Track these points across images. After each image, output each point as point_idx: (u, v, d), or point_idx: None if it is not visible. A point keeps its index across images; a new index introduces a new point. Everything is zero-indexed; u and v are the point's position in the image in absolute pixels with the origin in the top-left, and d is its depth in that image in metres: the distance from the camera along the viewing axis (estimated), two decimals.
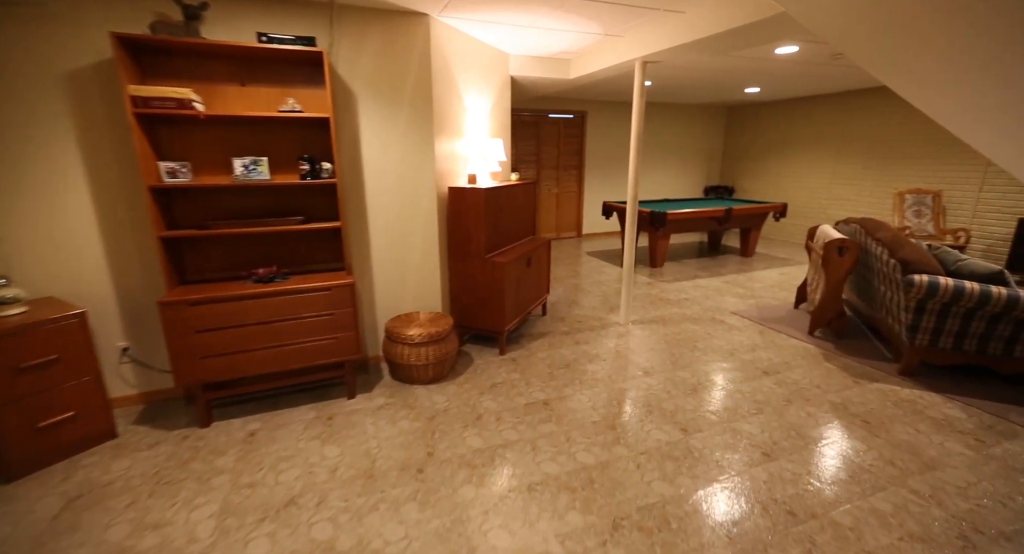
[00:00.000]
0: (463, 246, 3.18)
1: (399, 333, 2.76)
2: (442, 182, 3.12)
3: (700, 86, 6.06)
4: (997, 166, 5.34)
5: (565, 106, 7.31)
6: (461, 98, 3.29)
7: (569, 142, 7.52)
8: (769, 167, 7.92)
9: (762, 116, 7.94)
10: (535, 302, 3.78)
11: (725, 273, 5.55)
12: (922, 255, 2.87)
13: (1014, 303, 2.59)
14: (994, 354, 2.77)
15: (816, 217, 7.23)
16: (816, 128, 7.08)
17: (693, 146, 8.54)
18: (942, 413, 2.55)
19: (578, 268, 5.85)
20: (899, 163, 6.11)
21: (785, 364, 3.15)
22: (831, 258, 3.41)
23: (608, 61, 3.62)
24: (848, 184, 6.74)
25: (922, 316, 2.84)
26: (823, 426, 2.43)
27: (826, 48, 3.94)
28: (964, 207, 5.54)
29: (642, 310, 4.26)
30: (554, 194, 7.64)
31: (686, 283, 5.13)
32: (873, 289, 3.45)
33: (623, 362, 3.20)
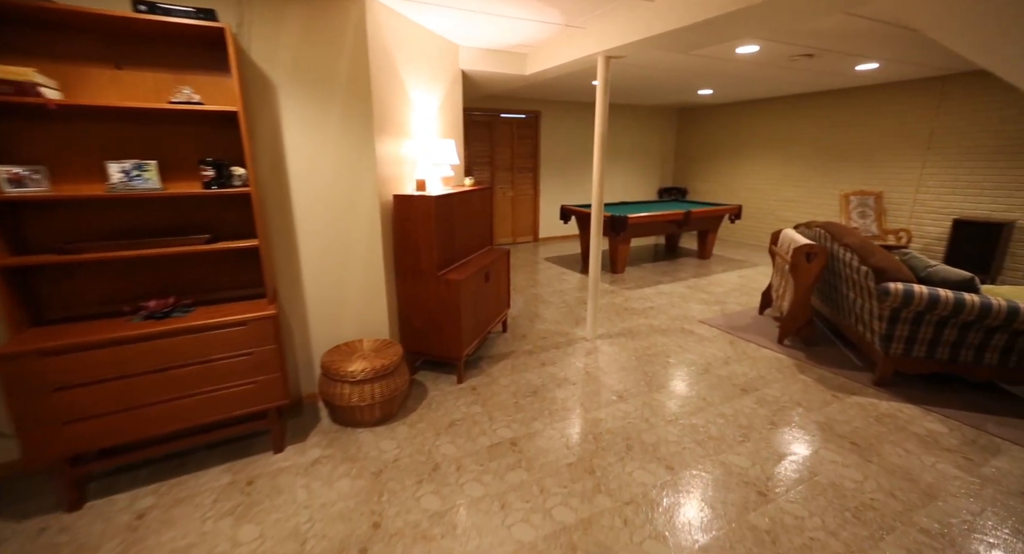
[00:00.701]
0: (412, 262, 2.78)
1: (338, 369, 2.32)
2: (385, 189, 2.71)
3: (654, 87, 5.95)
4: (932, 168, 5.59)
5: (518, 106, 7.01)
6: (406, 93, 2.89)
7: (523, 143, 7.23)
8: (720, 169, 8.01)
9: (713, 118, 8.02)
10: (495, 320, 3.43)
11: (686, 277, 5.45)
12: (894, 262, 2.79)
13: (987, 311, 2.53)
14: (965, 362, 2.72)
15: (766, 218, 7.36)
16: (764, 131, 7.21)
17: (646, 148, 8.51)
18: (924, 428, 2.45)
19: (537, 276, 5.56)
20: (842, 165, 6.29)
21: (761, 379, 2.99)
22: (800, 264, 3.30)
23: (568, 55, 3.33)
24: (796, 186, 6.89)
25: (896, 325, 2.75)
26: (813, 452, 2.24)
27: (786, 49, 3.87)
28: (903, 208, 5.75)
29: (608, 322, 4.02)
30: (509, 197, 7.32)
31: (649, 289, 4.96)
32: (840, 296, 3.37)
33: (594, 385, 2.91)
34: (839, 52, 3.99)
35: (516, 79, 4.28)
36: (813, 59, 4.25)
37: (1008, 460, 2.20)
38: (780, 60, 4.29)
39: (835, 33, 3.43)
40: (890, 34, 3.47)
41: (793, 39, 3.60)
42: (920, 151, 5.53)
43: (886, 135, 5.81)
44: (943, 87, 5.25)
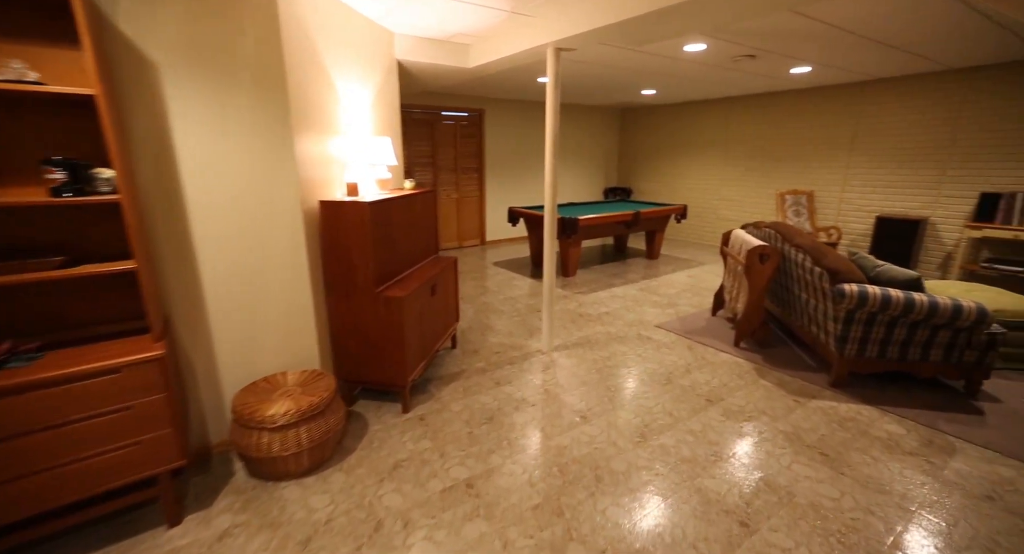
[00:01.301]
0: (345, 278, 2.40)
1: (254, 414, 1.91)
2: (310, 194, 2.31)
3: (599, 86, 5.86)
4: (855, 169, 5.92)
5: (461, 103, 6.68)
6: (332, 83, 2.50)
7: (467, 143, 6.91)
8: (663, 169, 8.13)
9: (655, 119, 8.12)
10: (443, 336, 3.11)
11: (637, 279, 5.39)
12: (847, 263, 2.78)
13: (934, 310, 2.56)
14: (913, 359, 2.75)
15: (708, 217, 7.54)
16: (704, 132, 7.37)
17: (591, 148, 8.48)
18: (884, 430, 2.43)
19: (486, 282, 5.28)
20: (777, 166, 6.53)
21: (725, 387, 2.89)
22: (754, 266, 3.25)
23: (515, 46, 3.07)
24: (735, 185, 7.09)
25: (850, 326, 2.74)
26: (787, 468, 2.13)
27: (731, 48, 3.85)
28: (831, 206, 6.05)
29: (564, 331, 3.82)
30: (454, 200, 6.98)
31: (603, 293, 4.83)
32: (792, 296, 3.37)
33: (555, 405, 2.67)
34: (779, 54, 4.03)
35: (458, 73, 3.97)
36: (754, 61, 4.29)
37: (964, 460, 2.20)
38: (724, 61, 4.29)
39: (778, 33, 3.42)
40: (827, 36, 3.52)
41: (739, 38, 3.57)
42: (844, 153, 5.83)
43: (814, 137, 6.08)
44: (863, 92, 5.55)
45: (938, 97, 5.01)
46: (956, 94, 4.90)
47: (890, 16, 3.03)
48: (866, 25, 3.23)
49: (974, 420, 2.52)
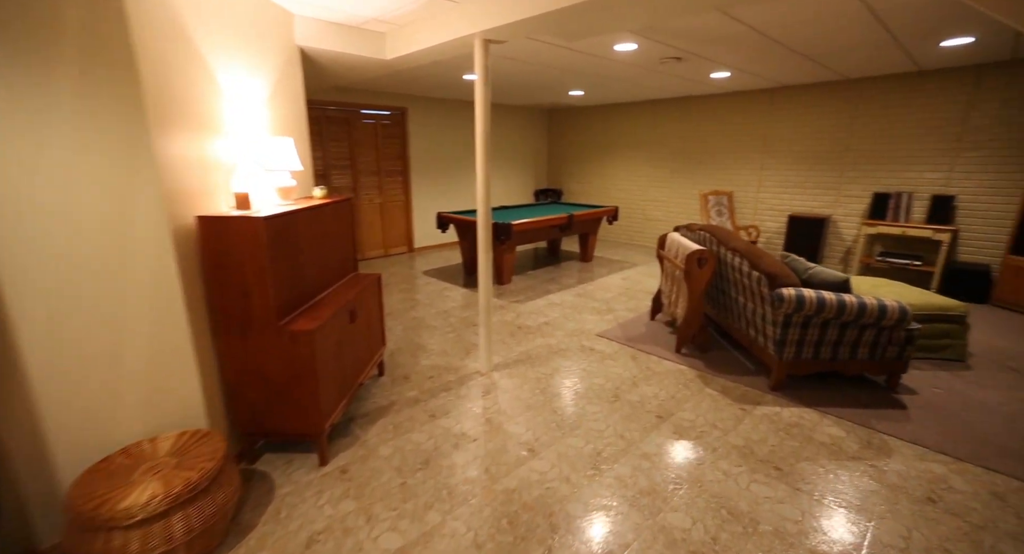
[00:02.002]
0: (238, 311, 1.95)
1: (100, 508, 1.42)
2: (183, 208, 1.83)
3: (527, 85, 5.68)
4: (768, 171, 6.28)
5: (381, 101, 6.19)
6: (210, 71, 2.02)
7: (389, 144, 6.43)
8: (592, 170, 8.17)
9: (582, 120, 8.13)
10: (367, 366, 2.71)
11: (573, 284, 5.27)
12: (783, 267, 2.78)
13: (863, 311, 2.62)
14: (843, 358, 2.82)
15: (637, 218, 7.68)
16: (630, 134, 7.48)
17: (520, 149, 8.32)
18: (827, 434, 2.43)
19: (416, 294, 4.88)
20: (699, 167, 6.77)
21: (673, 399, 2.78)
22: (692, 271, 3.20)
23: (438, 36, 2.74)
24: (661, 186, 7.27)
25: (788, 330, 2.74)
26: (746, 489, 2.02)
27: (659, 49, 3.80)
28: (748, 206, 6.37)
29: (503, 347, 3.55)
30: (377, 204, 6.46)
31: (540, 301, 4.64)
32: (729, 300, 3.38)
33: (499, 438, 2.40)
34: (703, 57, 4.07)
35: (374, 65, 3.55)
36: (680, 64, 4.31)
37: (901, 460, 2.24)
38: (652, 62, 4.26)
39: (705, 35, 3.41)
40: (747, 42, 3.57)
41: (668, 39, 3.51)
42: (759, 155, 6.15)
43: (732, 140, 6.36)
44: (773, 99, 5.88)
45: (836, 105, 5.41)
46: (851, 102, 5.31)
47: (806, 22, 3.10)
48: (784, 30, 3.29)
49: (899, 415, 2.61)
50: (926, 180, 4.98)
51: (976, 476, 2.13)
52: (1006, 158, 4.52)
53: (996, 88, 4.47)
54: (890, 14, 2.94)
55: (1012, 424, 2.53)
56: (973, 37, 3.51)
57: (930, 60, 4.31)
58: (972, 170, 4.71)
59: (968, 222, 4.79)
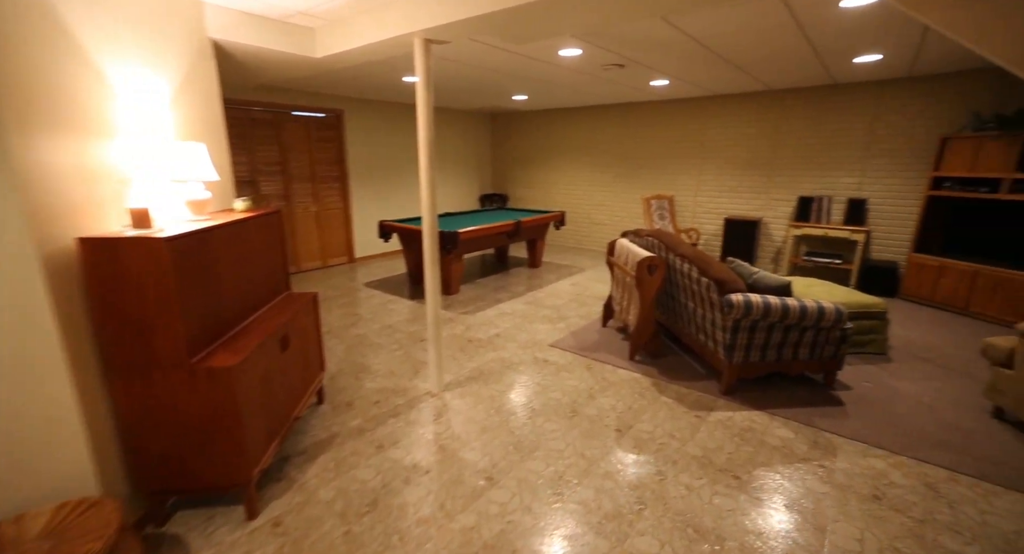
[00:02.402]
0: (138, 348, 1.64)
1: None
2: (56, 228, 1.51)
3: (470, 88, 5.54)
4: (705, 175, 6.55)
5: (315, 102, 5.79)
6: (95, 65, 1.70)
7: (325, 148, 6.03)
8: (537, 175, 8.16)
9: (525, 125, 8.10)
10: (304, 397, 2.44)
11: (523, 291, 5.19)
12: (730, 273, 2.83)
13: (804, 313, 2.72)
14: (786, 359, 2.92)
15: (582, 222, 7.75)
16: (573, 139, 7.54)
17: (463, 154, 8.15)
18: (778, 437, 2.48)
19: (359, 309, 4.58)
20: (641, 172, 6.94)
21: (630, 410, 2.74)
22: (643, 278, 3.20)
23: (375, 34, 2.53)
24: (605, 190, 7.38)
25: (737, 334, 2.79)
26: (708, 503, 2.00)
27: (604, 55, 3.80)
28: (688, 209, 6.61)
29: (454, 363, 3.38)
30: (313, 213, 6.04)
31: (490, 311, 4.50)
32: (679, 305, 3.41)
33: (454, 468, 2.23)
34: (644, 65, 4.13)
35: (304, 64, 3.26)
36: (623, 70, 4.35)
37: (845, 458, 2.32)
38: (595, 68, 4.27)
39: (646, 43, 3.44)
40: (685, 50, 3.65)
41: (611, 46, 3.51)
42: (696, 160, 6.40)
43: (670, 145, 6.57)
44: (708, 106, 6.14)
45: (763, 114, 5.73)
46: (775, 112, 5.65)
47: (740, 33, 3.20)
48: (719, 40, 3.39)
49: (838, 412, 2.73)
50: (842, 185, 5.38)
51: (911, 469, 2.24)
52: (907, 165, 4.97)
53: (895, 102, 4.91)
54: (815, 30, 3.10)
55: (933, 414, 2.72)
56: (880, 55, 3.81)
57: (844, 75, 4.65)
58: (880, 176, 5.14)
59: (879, 223, 5.23)
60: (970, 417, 2.68)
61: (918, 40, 3.37)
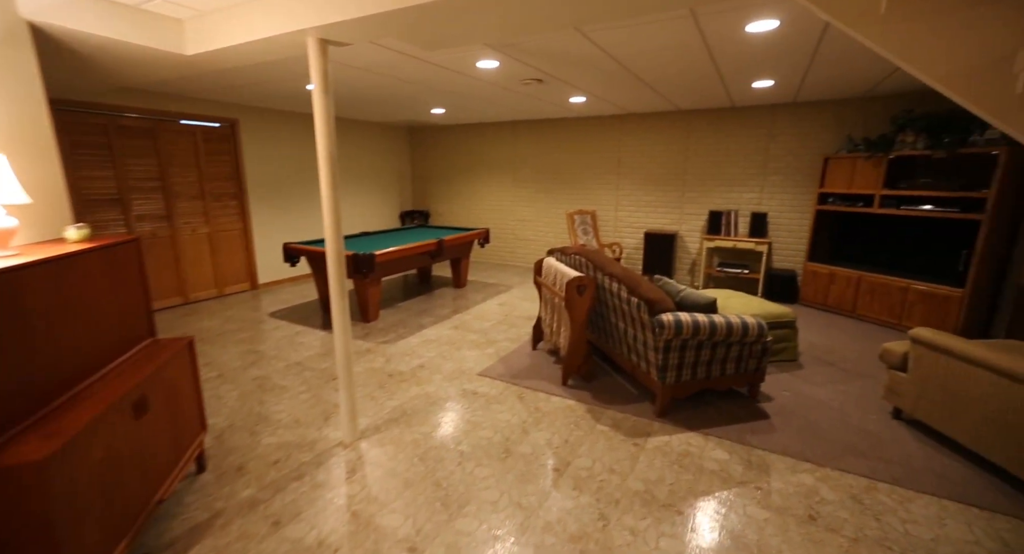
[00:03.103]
0: None
1: None
2: None
3: (385, 100, 5.20)
4: (623, 190, 6.74)
5: (203, 110, 5.10)
6: None
7: (217, 162, 5.33)
8: (459, 190, 7.94)
9: (446, 139, 7.87)
10: (171, 473, 1.96)
11: (448, 314, 4.89)
12: (659, 293, 2.78)
13: (730, 330, 2.73)
14: (715, 376, 2.92)
15: (507, 238, 7.63)
16: (494, 154, 7.44)
17: (381, 169, 7.72)
18: (714, 460, 2.43)
19: (260, 344, 4.01)
20: (562, 187, 6.99)
21: (567, 444, 2.56)
22: (573, 299, 3.07)
23: (259, 30, 2.16)
24: (528, 206, 7.33)
25: (669, 354, 2.74)
26: (655, 549, 1.85)
27: (523, 69, 3.69)
28: (610, 224, 6.75)
29: (372, 403, 3.00)
30: (204, 235, 5.29)
31: (413, 339, 4.15)
32: (609, 325, 3.33)
33: (369, 541, 1.88)
34: (562, 81, 4.09)
35: (171, 61, 2.76)
36: (542, 85, 4.29)
37: (778, 477, 2.31)
38: (514, 83, 4.16)
39: (564, 57, 3.38)
40: (601, 67, 3.66)
41: (529, 60, 3.41)
42: (614, 176, 6.56)
43: (589, 161, 6.69)
44: (623, 124, 6.34)
45: (673, 132, 6.02)
46: (683, 131, 5.96)
47: (655, 53, 3.25)
48: (634, 59, 3.42)
49: (765, 425, 2.76)
50: (746, 200, 5.77)
51: (836, 481, 2.28)
52: (797, 182, 5.44)
53: (785, 124, 5.38)
54: (721, 54, 3.22)
55: (844, 418, 2.85)
56: (773, 81, 4.11)
57: (742, 98, 4.99)
58: (776, 192, 5.58)
59: (778, 235, 5.66)
60: (874, 419, 2.84)
61: (804, 69, 3.65)
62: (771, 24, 2.55)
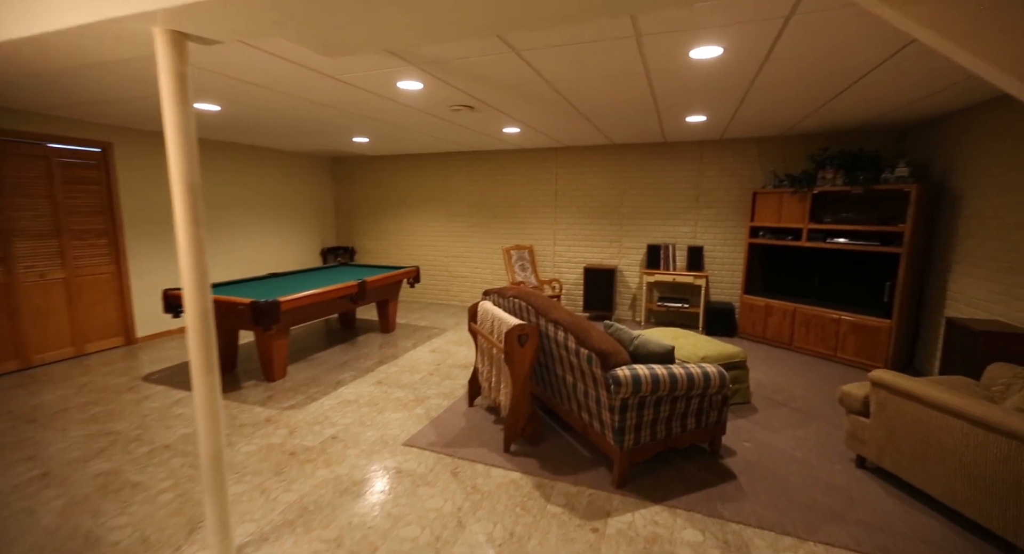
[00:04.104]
0: None
1: None
2: None
3: (295, 126, 4.64)
4: (561, 224, 6.55)
5: (68, 130, 4.23)
6: None
7: (83, 192, 4.41)
8: (388, 225, 7.37)
9: (372, 171, 7.34)
10: None
11: (373, 366, 4.26)
12: (612, 343, 2.43)
13: (692, 383, 2.43)
14: (676, 433, 2.58)
15: (440, 275, 7.13)
16: (425, 186, 7.02)
17: (300, 202, 6.99)
18: (686, 544, 2.04)
19: (120, 421, 3.14)
20: (497, 222, 6.67)
21: (513, 538, 2.05)
22: (514, 352, 2.64)
23: (76, 13, 1.59)
24: (463, 241, 6.92)
25: (626, 414, 2.37)
26: None
27: (451, 93, 3.33)
28: (548, 259, 6.49)
29: (262, 499, 2.31)
30: (58, 281, 4.28)
31: (327, 401, 3.48)
32: (555, 377, 2.92)
33: None
34: (495, 108, 3.80)
35: None
36: (473, 115, 3.97)
37: None
38: (442, 109, 3.80)
39: (495, 81, 3.08)
40: (534, 92, 3.41)
41: (456, 81, 3.06)
42: (551, 209, 6.37)
43: (525, 194, 6.46)
44: (558, 157, 6.21)
45: (607, 164, 5.96)
46: (618, 164, 5.92)
47: (591, 80, 3.04)
48: (571, 86, 3.20)
49: (735, 489, 2.44)
50: (681, 233, 5.77)
51: None
52: (728, 215, 5.53)
53: (714, 160, 5.49)
54: (662, 84, 3.08)
55: (811, 472, 2.61)
56: (705, 116, 4.10)
57: (674, 133, 5.02)
58: (709, 225, 5.63)
59: (714, 268, 5.67)
60: (840, 471, 2.62)
61: (738, 103, 3.64)
62: (715, 51, 2.40)
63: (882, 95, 3.31)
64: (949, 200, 3.93)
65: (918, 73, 2.79)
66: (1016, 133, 3.16)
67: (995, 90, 3.21)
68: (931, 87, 3.08)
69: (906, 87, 3.09)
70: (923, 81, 2.94)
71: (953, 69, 2.72)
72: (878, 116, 4.05)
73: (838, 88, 3.14)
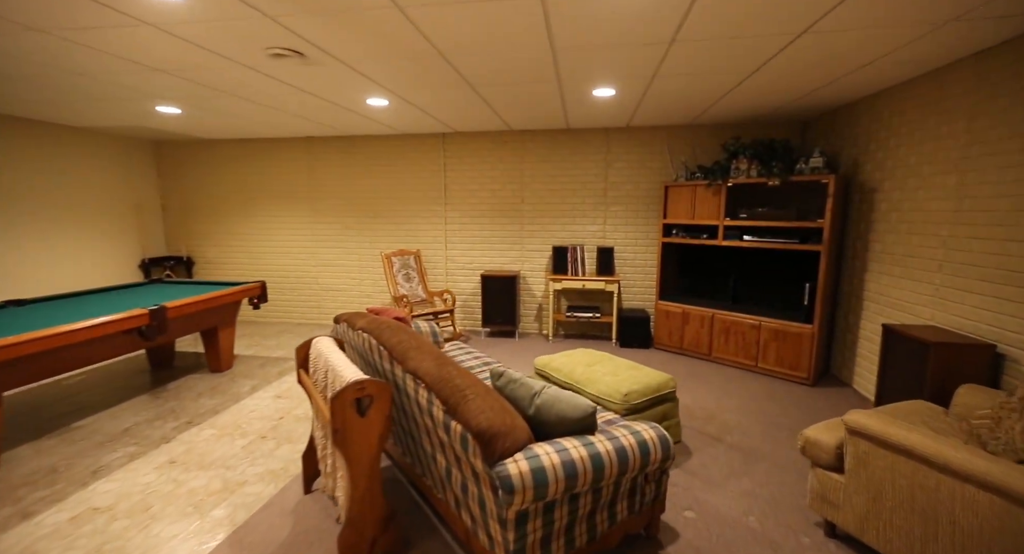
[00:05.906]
0: None
1: None
2: None
3: (47, 83, 3.10)
4: (452, 224, 5.56)
5: None
6: None
7: None
8: (236, 228, 5.81)
9: (212, 158, 5.72)
10: None
11: (172, 431, 2.90)
12: (499, 414, 1.48)
13: (624, 465, 1.58)
14: (603, 531, 1.74)
15: (306, 289, 5.76)
16: (284, 179, 5.61)
17: (106, 199, 5.16)
18: None
19: None
20: (377, 224, 5.50)
21: None
22: (350, 426, 1.60)
23: None
24: (332, 247, 5.63)
25: (526, 526, 1.45)
26: None
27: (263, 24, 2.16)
28: (439, 266, 5.47)
29: None
30: None
31: (61, 511, 2.12)
32: (422, 451, 1.93)
33: None
34: (340, 61, 2.69)
35: None
36: (318, 75, 2.80)
37: None
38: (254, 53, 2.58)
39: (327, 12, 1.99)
40: (402, 47, 2.38)
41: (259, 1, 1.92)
42: (441, 207, 5.36)
43: (408, 189, 5.38)
44: (446, 143, 5.21)
45: (505, 155, 5.11)
46: (517, 153, 5.09)
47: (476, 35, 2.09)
48: (445, 32, 2.22)
49: None
50: (589, 233, 5.11)
51: None
52: (639, 212, 4.97)
53: (621, 149, 4.89)
54: (562, 38, 2.23)
55: (773, 549, 1.93)
56: (614, 90, 3.40)
57: (578, 118, 4.30)
58: (619, 223, 5.03)
59: (626, 272, 5.08)
60: (809, 546, 1.98)
61: (653, 71, 2.95)
62: None
63: (796, 74, 2.82)
64: (860, 193, 3.64)
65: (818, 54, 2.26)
66: (938, 114, 2.83)
67: (910, 69, 2.85)
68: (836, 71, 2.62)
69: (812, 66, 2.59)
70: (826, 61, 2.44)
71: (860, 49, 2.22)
72: (788, 101, 3.66)
73: (760, 58, 2.56)
